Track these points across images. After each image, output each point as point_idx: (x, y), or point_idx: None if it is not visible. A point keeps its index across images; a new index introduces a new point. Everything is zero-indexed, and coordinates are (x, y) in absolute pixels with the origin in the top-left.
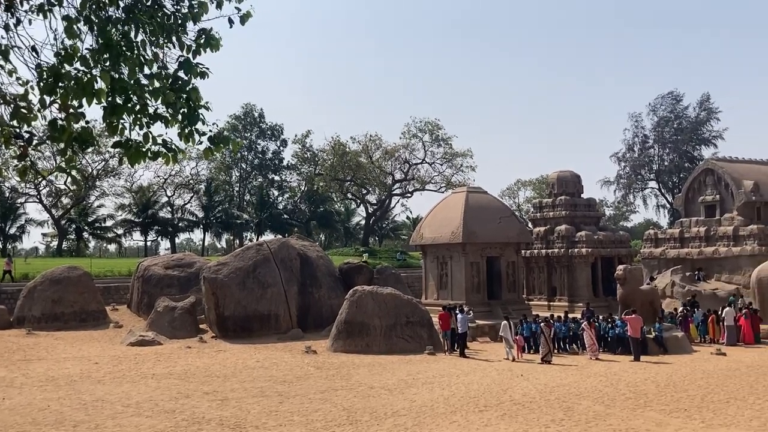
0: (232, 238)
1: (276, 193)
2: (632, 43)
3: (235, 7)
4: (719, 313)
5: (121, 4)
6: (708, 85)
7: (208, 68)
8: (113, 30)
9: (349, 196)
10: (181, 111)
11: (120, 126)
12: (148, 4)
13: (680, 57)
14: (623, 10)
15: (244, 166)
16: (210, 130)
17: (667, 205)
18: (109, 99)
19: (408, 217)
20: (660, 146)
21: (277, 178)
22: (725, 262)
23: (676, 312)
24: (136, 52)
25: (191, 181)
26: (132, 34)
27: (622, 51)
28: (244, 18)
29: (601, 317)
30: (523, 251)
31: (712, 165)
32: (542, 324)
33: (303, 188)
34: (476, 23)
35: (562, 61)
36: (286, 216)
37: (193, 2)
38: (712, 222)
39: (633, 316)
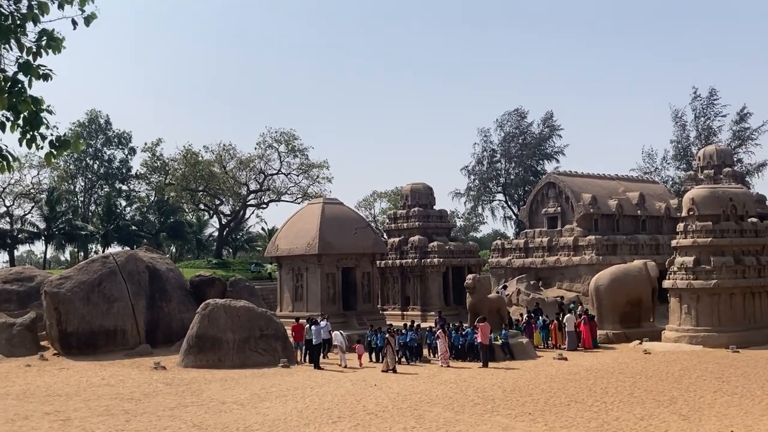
0: (76, 250)
1: (123, 203)
2: (482, 59)
3: (79, 8)
4: (560, 319)
5: None
6: (551, 103)
7: (51, 70)
8: None
9: (202, 206)
10: (21, 115)
11: None
12: None
13: (525, 73)
14: (474, 24)
15: (89, 176)
16: (52, 134)
17: (514, 217)
18: None
19: (263, 229)
20: (506, 160)
21: (124, 187)
22: (566, 270)
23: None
24: None
25: (32, 191)
26: None
27: (472, 67)
28: (89, 19)
29: (451, 325)
30: (378, 262)
31: (554, 179)
32: (387, 336)
33: (152, 198)
34: (334, 31)
35: (420, 76)
36: (134, 227)
37: (32, 2)
38: (554, 233)
39: (483, 323)
